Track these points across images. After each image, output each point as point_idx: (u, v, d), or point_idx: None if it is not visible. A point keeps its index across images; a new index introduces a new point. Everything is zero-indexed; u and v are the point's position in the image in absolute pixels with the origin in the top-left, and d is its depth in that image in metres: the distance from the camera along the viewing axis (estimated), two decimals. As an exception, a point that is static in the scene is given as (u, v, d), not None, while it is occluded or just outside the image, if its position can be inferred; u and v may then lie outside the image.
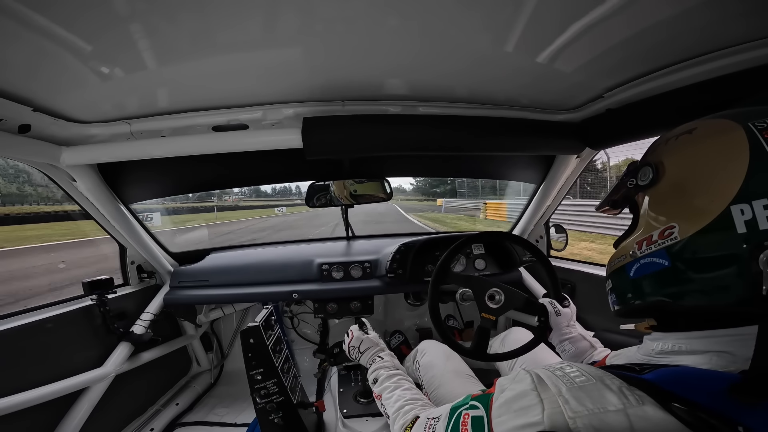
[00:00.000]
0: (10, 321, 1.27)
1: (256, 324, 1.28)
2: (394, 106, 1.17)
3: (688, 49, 0.84)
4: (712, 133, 0.53)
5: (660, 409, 0.41)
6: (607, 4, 0.66)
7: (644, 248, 0.57)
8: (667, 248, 0.53)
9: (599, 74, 0.98)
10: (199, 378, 2.20)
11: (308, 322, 2.38)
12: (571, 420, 0.44)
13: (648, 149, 0.66)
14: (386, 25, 0.73)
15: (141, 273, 1.87)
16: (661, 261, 0.54)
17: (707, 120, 0.56)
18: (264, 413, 1.28)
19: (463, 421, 0.59)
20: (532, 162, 1.72)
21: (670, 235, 0.53)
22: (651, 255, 0.56)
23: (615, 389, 0.45)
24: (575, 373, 0.50)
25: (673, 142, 0.59)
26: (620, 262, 0.63)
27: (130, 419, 1.72)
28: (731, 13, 0.69)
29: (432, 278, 1.13)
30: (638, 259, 0.58)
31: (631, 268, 0.60)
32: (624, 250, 0.63)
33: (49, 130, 1.07)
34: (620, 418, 0.42)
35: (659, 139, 0.65)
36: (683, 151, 0.56)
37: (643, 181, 0.60)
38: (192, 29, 0.71)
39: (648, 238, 0.57)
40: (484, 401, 0.58)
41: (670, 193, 0.56)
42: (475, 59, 0.89)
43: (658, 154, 0.60)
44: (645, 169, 0.60)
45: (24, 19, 0.63)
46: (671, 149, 0.58)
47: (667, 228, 0.53)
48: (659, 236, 0.55)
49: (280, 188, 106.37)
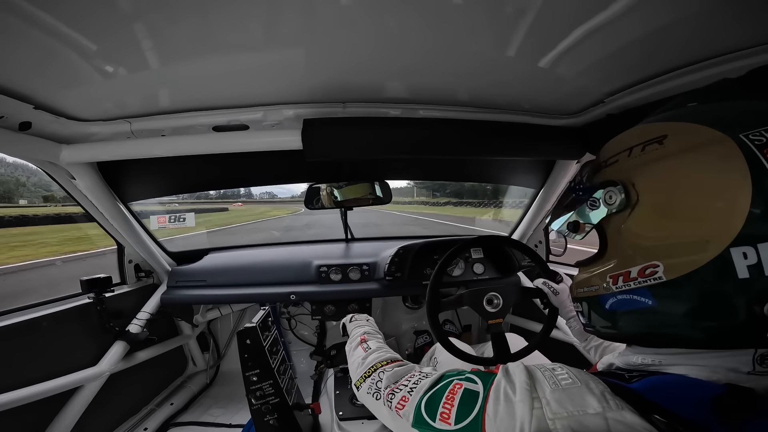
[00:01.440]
0: (5, 318, 1.26)
1: (253, 325, 1.28)
2: (395, 109, 1.17)
3: (688, 55, 0.84)
4: (692, 146, 0.45)
5: (638, 416, 0.41)
6: (610, 10, 0.66)
7: (621, 284, 0.51)
8: (649, 287, 0.47)
9: (600, 79, 0.99)
10: (194, 378, 2.19)
11: (306, 324, 2.37)
12: (551, 422, 0.43)
13: (604, 155, 0.57)
14: (388, 27, 0.74)
15: (139, 272, 1.87)
16: (642, 300, 0.49)
17: (675, 125, 0.48)
18: (259, 414, 1.27)
19: (452, 389, 0.57)
20: (533, 167, 1.72)
21: (652, 274, 0.47)
22: (630, 292, 0.50)
23: (597, 393, 0.44)
24: (563, 376, 0.49)
25: (640, 154, 0.50)
26: (591, 291, 0.58)
27: (123, 418, 1.71)
28: (729, 20, 0.70)
29: (430, 282, 1.13)
30: (614, 293, 0.53)
31: (605, 300, 0.54)
32: (595, 281, 0.57)
33: (49, 127, 1.07)
34: (598, 422, 0.41)
35: (615, 142, 0.57)
36: (658, 172, 0.48)
37: (609, 206, 0.52)
38: (195, 30, 0.72)
39: (625, 274, 0.51)
40: (485, 379, 0.56)
41: (647, 224, 0.49)
42: (477, 63, 0.90)
43: (625, 171, 0.52)
44: (611, 191, 0.52)
45: (29, 16, 0.63)
46: (641, 166, 0.50)
47: (649, 266, 0.47)
48: (639, 274, 0.48)
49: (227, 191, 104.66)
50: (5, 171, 69.57)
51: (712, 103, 0.52)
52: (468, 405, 0.53)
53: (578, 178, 0.63)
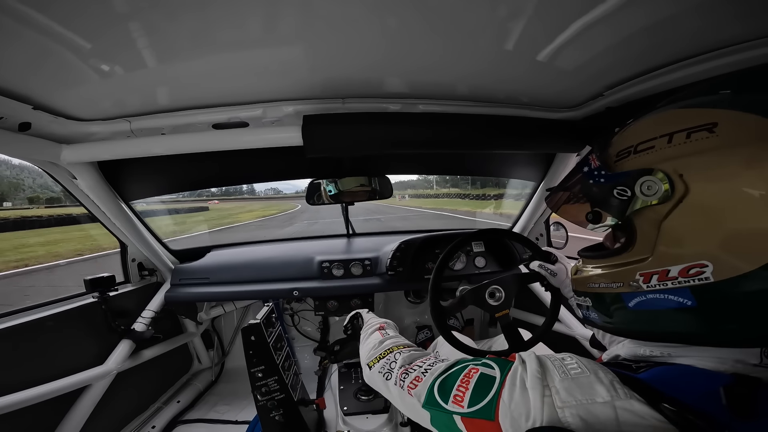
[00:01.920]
0: (12, 319, 1.27)
1: (257, 321, 1.29)
2: (394, 104, 1.17)
3: (687, 47, 0.84)
4: (751, 138, 0.41)
5: (647, 405, 0.41)
6: (609, 2, 0.65)
7: (655, 282, 0.47)
8: (692, 287, 0.44)
9: (599, 72, 0.98)
10: (200, 375, 2.21)
11: (309, 320, 2.39)
12: (560, 410, 0.44)
13: (631, 140, 0.52)
14: (386, 22, 0.73)
15: (142, 270, 1.88)
16: (680, 300, 0.45)
17: (723, 112, 0.44)
18: (265, 411, 1.28)
19: (468, 372, 0.57)
20: (532, 160, 1.72)
21: (698, 275, 0.43)
22: (666, 292, 0.46)
23: (606, 382, 0.45)
24: (572, 365, 0.49)
25: (685, 141, 0.45)
26: (610, 288, 0.53)
27: (131, 417, 1.73)
28: (730, 13, 0.69)
29: (432, 276, 1.14)
30: (644, 292, 0.49)
31: (630, 299, 0.51)
32: (616, 278, 0.53)
33: (49, 128, 1.07)
34: (607, 410, 0.42)
35: (644, 126, 0.52)
36: (714, 163, 0.43)
37: (647, 197, 0.47)
38: (192, 27, 0.71)
39: (662, 272, 0.46)
40: (502, 365, 0.55)
41: (698, 220, 0.44)
42: (476, 57, 0.89)
43: (667, 159, 0.47)
44: (649, 180, 0.47)
45: (24, 17, 0.62)
46: (690, 155, 0.45)
47: (695, 266, 0.43)
48: (681, 273, 0.44)
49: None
50: (11, 173, 69.39)
51: (756, 92, 0.47)
52: (483, 389, 0.53)
53: (593, 165, 0.57)
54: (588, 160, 0.58)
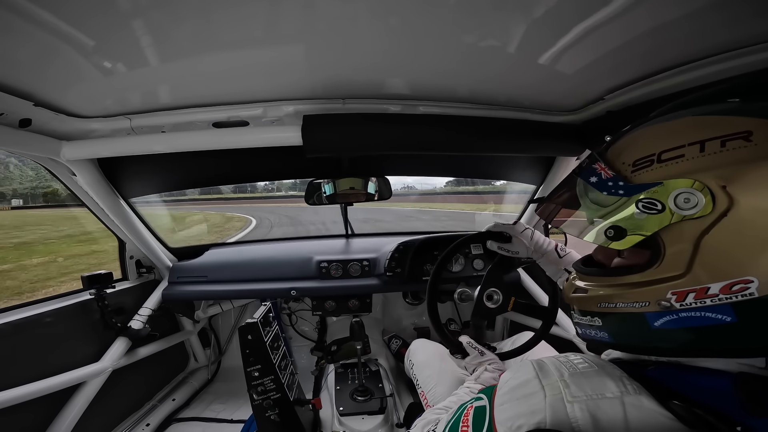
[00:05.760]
0: (8, 315, 1.27)
1: (255, 320, 1.28)
2: (395, 105, 1.17)
3: (688, 52, 0.84)
4: None
5: (655, 402, 0.41)
6: (610, 6, 0.66)
7: (690, 301, 0.43)
8: (733, 304, 0.41)
9: (600, 76, 0.99)
10: (196, 374, 2.20)
11: (306, 320, 2.38)
12: (570, 404, 0.44)
13: (652, 148, 0.47)
14: (388, 23, 0.73)
15: (140, 268, 1.88)
16: (719, 317, 0.42)
17: (755, 121, 0.42)
18: (261, 410, 1.28)
19: (465, 413, 0.60)
20: (532, 163, 1.72)
21: (742, 290, 0.40)
22: (703, 309, 0.43)
23: (616, 377, 0.45)
24: (578, 361, 0.50)
25: (720, 150, 0.42)
26: (631, 308, 0.48)
27: (126, 414, 1.72)
28: (733, 17, 0.69)
29: (430, 278, 1.14)
30: (676, 311, 0.44)
31: (657, 318, 0.46)
32: (640, 297, 0.47)
33: (49, 124, 1.07)
34: (615, 406, 0.42)
35: (663, 132, 0.48)
36: (758, 174, 0.40)
37: (683, 210, 0.43)
38: (194, 26, 0.72)
39: (700, 290, 0.42)
40: (488, 392, 0.59)
41: (745, 235, 0.40)
42: (477, 60, 0.89)
43: (704, 170, 0.43)
44: (686, 193, 0.43)
45: (28, 14, 0.63)
46: (731, 165, 0.41)
47: (739, 282, 0.40)
48: (723, 290, 0.41)
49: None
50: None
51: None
52: (480, 421, 0.56)
53: (605, 175, 0.51)
54: (595, 170, 0.53)
